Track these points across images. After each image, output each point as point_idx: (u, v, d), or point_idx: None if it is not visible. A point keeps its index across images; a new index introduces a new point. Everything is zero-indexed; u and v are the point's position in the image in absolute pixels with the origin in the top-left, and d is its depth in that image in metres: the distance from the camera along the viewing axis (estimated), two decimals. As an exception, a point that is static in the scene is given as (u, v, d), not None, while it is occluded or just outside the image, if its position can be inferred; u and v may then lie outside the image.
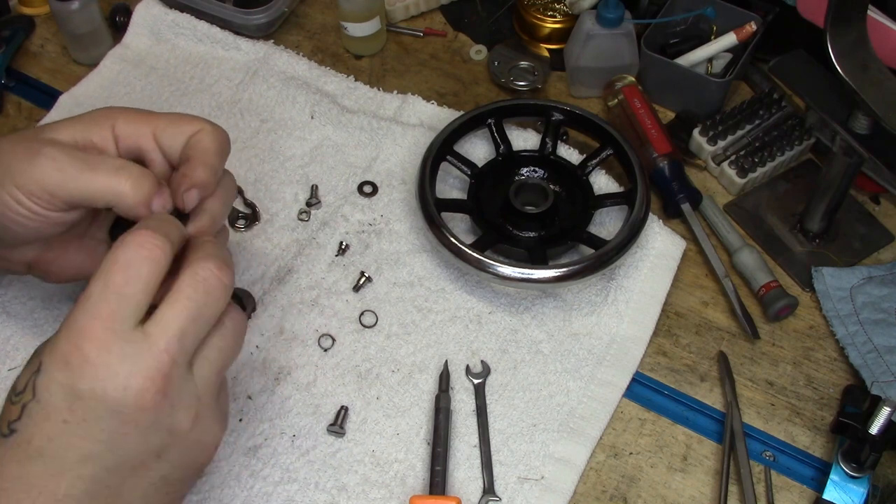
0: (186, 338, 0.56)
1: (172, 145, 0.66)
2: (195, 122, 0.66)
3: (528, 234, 0.86)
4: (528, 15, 1.04)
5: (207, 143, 0.65)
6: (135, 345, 0.54)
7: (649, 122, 0.91)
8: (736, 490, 0.74)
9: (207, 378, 0.58)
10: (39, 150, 0.62)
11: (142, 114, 0.67)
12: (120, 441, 0.54)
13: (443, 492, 0.72)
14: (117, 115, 0.67)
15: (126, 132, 0.66)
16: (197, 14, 1.01)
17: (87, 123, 0.66)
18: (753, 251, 0.85)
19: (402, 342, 0.81)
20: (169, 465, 0.57)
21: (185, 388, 0.56)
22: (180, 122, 0.66)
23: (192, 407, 0.57)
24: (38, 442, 0.53)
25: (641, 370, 0.81)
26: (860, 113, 0.90)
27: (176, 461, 0.57)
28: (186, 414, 0.56)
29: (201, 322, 0.57)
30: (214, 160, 0.65)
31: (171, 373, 0.54)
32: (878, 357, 0.79)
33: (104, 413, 0.53)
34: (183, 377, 0.56)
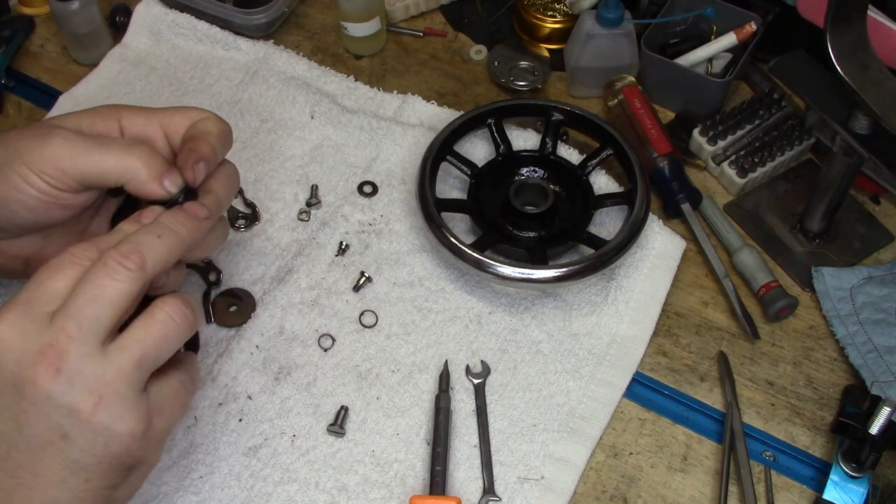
0: (86, 319, 0.56)
1: (178, 132, 0.68)
2: (199, 111, 0.69)
3: (528, 234, 0.86)
4: (528, 15, 1.04)
5: (210, 127, 0.68)
6: (38, 324, 0.55)
7: (649, 122, 0.91)
8: (736, 490, 0.74)
9: (121, 365, 0.57)
10: (50, 132, 0.63)
11: (146, 107, 0.70)
12: (23, 418, 0.55)
13: (443, 492, 0.72)
14: (122, 109, 0.69)
15: (132, 122, 0.68)
16: (197, 14, 1.01)
17: (93, 115, 0.68)
18: (753, 251, 0.85)
19: (402, 342, 0.81)
20: (78, 450, 0.56)
21: (86, 368, 0.55)
22: (185, 110, 0.69)
23: (96, 389, 0.56)
24: None
25: (641, 370, 0.81)
26: (860, 113, 0.90)
27: (84, 446, 0.56)
28: (87, 395, 0.55)
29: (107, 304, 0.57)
30: (215, 141, 0.67)
31: (67, 350, 0.55)
32: (878, 357, 0.79)
33: (6, 389, 0.55)
34: (84, 356, 0.55)
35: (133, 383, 0.57)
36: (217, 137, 0.67)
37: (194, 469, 0.73)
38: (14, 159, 0.63)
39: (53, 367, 0.54)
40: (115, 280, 0.57)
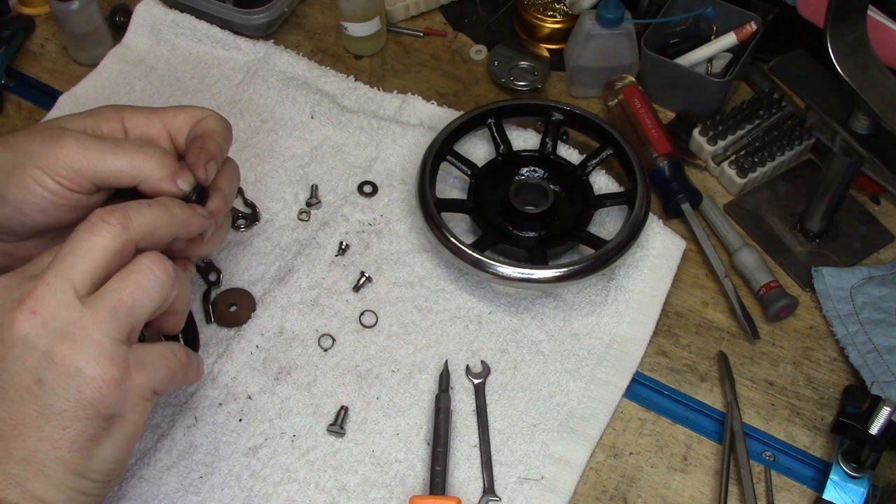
0: (64, 269, 0.58)
1: (181, 131, 0.70)
2: (201, 110, 0.71)
3: (528, 234, 0.86)
4: (528, 15, 1.04)
5: (214, 125, 0.70)
6: (21, 280, 0.59)
7: (649, 122, 0.91)
8: (736, 490, 0.74)
9: (97, 311, 0.58)
10: (62, 134, 0.64)
11: (148, 108, 0.71)
12: (4, 365, 0.56)
13: (443, 492, 0.72)
14: (124, 110, 0.70)
15: (135, 123, 0.69)
16: (197, 14, 1.01)
17: (96, 117, 0.69)
18: (753, 251, 0.85)
19: (402, 342, 0.81)
20: (52, 394, 0.56)
21: (61, 313, 0.57)
22: (187, 109, 0.71)
23: (69, 333, 0.57)
24: None
25: (641, 370, 0.81)
26: (860, 113, 0.90)
27: (58, 389, 0.56)
28: (61, 338, 0.57)
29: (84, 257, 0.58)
30: (220, 139, 0.69)
31: (43, 295, 0.57)
32: (878, 357, 0.79)
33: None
34: (60, 302, 0.57)
35: (108, 331, 0.58)
36: (222, 136, 0.69)
37: (194, 469, 0.73)
38: (26, 162, 0.63)
39: (29, 310, 0.56)
40: (94, 235, 0.59)
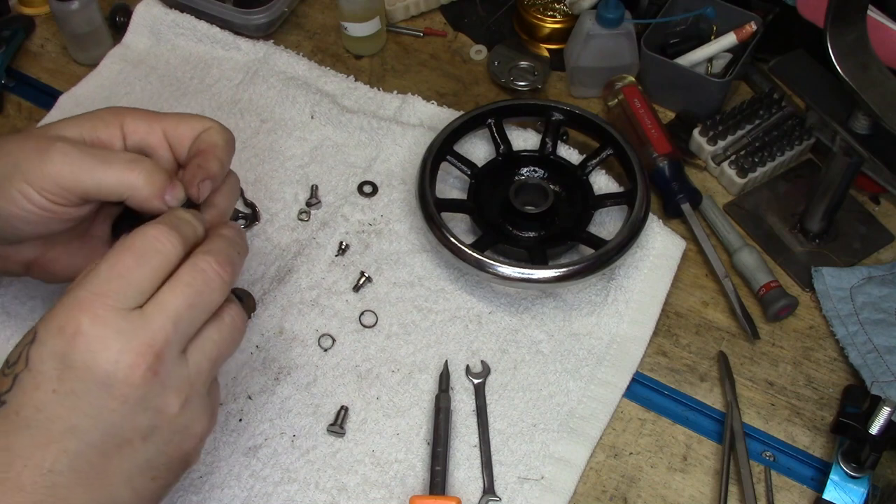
0: (181, 322, 0.56)
1: (182, 142, 0.68)
2: (204, 120, 0.68)
3: (528, 234, 0.86)
4: (528, 15, 1.04)
5: (216, 139, 0.67)
6: (131, 322, 0.55)
7: (649, 122, 0.91)
8: (736, 490, 0.74)
9: (200, 366, 0.58)
10: (50, 146, 0.62)
11: (149, 112, 0.69)
12: (106, 416, 0.54)
13: (443, 492, 0.72)
14: (125, 114, 0.68)
15: (134, 129, 0.67)
16: (197, 14, 1.01)
17: (94, 121, 0.67)
18: (753, 251, 0.85)
19: (402, 342, 0.81)
20: (154, 449, 0.57)
21: (176, 371, 0.56)
22: (190, 119, 0.68)
23: (183, 391, 0.57)
24: (25, 412, 0.53)
25: (641, 370, 0.81)
26: (860, 113, 0.90)
27: (162, 445, 0.57)
28: (176, 397, 0.56)
29: (197, 310, 0.58)
30: (223, 155, 0.67)
31: (163, 352, 0.55)
32: (878, 357, 0.79)
33: (93, 385, 0.54)
34: (175, 360, 0.56)
35: (206, 383, 0.59)
36: (224, 150, 0.67)
37: (194, 469, 0.73)
38: (14, 174, 0.62)
39: (152, 369, 0.55)
40: (211, 289, 0.58)
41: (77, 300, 0.55)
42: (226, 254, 0.60)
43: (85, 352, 0.54)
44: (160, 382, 0.55)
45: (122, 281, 0.55)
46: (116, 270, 0.56)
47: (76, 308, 0.54)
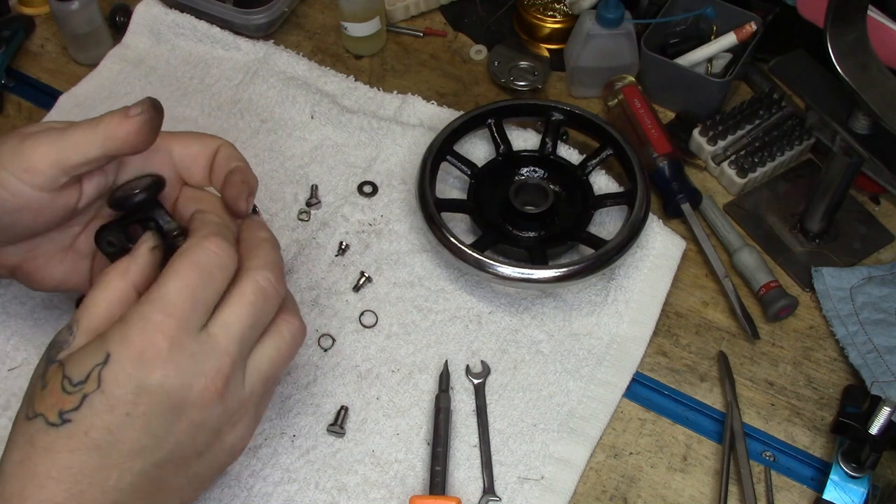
0: (245, 342, 0.58)
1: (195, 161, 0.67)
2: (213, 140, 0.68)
3: (528, 234, 0.86)
4: (528, 15, 1.04)
5: (235, 154, 0.67)
6: (202, 344, 0.56)
7: (649, 122, 0.91)
8: (736, 490, 0.74)
9: (254, 384, 0.59)
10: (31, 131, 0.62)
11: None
12: (173, 438, 0.56)
13: (443, 492, 0.72)
14: None
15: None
16: (197, 14, 1.01)
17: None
18: (753, 251, 0.85)
19: (402, 342, 0.81)
20: (206, 464, 0.59)
21: (237, 392, 0.58)
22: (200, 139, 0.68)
23: (238, 412, 0.59)
24: (95, 433, 0.54)
25: (641, 370, 0.81)
26: (860, 113, 0.90)
27: (212, 460, 0.59)
28: (233, 417, 0.58)
29: (258, 328, 0.59)
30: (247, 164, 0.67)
31: (230, 375, 0.57)
32: (878, 357, 0.79)
33: (166, 409, 0.55)
34: (238, 381, 0.58)
35: (257, 400, 0.61)
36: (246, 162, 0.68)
37: (194, 469, 0.73)
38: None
39: (219, 392, 0.56)
40: (270, 306, 0.59)
41: (154, 323, 0.55)
42: (279, 265, 0.61)
43: (162, 377, 0.54)
44: (224, 405, 0.57)
45: (192, 301, 0.56)
46: (186, 290, 0.56)
47: (154, 331, 0.54)
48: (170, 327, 0.55)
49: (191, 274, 0.56)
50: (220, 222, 0.62)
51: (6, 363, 0.77)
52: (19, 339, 0.79)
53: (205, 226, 0.60)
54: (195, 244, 0.58)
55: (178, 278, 0.56)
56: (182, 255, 0.57)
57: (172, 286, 0.56)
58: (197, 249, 0.57)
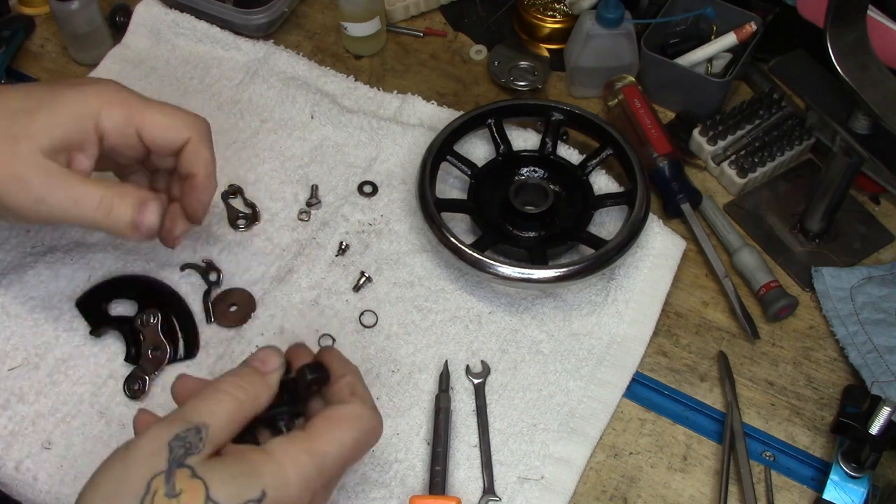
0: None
1: (162, 147, 0.71)
2: (182, 130, 0.71)
3: (528, 234, 0.86)
4: (528, 15, 1.04)
5: (204, 153, 0.72)
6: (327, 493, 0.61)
7: (649, 122, 0.91)
8: (736, 490, 0.74)
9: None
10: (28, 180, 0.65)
11: (126, 110, 0.69)
12: None
13: (443, 492, 0.72)
14: (99, 111, 0.68)
15: (109, 129, 0.69)
16: (197, 14, 1.01)
17: (68, 123, 0.67)
18: (753, 251, 0.85)
19: (402, 342, 0.81)
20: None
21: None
22: (169, 131, 0.71)
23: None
24: None
25: (641, 370, 0.81)
26: (860, 113, 0.90)
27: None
28: None
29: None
30: (213, 166, 0.73)
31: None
32: (878, 357, 0.79)
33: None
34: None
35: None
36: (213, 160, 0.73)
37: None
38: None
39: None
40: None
41: (311, 479, 0.57)
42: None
43: None
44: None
45: (342, 468, 0.60)
46: (343, 459, 0.59)
47: (308, 485, 0.57)
48: (318, 487, 0.58)
49: (351, 446, 0.59)
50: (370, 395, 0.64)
51: (6, 363, 0.77)
52: (19, 338, 0.79)
53: (367, 395, 0.63)
54: (363, 416, 0.61)
55: (341, 445, 0.59)
56: (351, 423, 0.60)
57: (334, 450, 0.58)
58: (364, 423, 0.61)
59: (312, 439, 0.58)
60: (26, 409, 0.75)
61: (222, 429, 0.56)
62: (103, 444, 0.73)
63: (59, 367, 0.77)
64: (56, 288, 0.81)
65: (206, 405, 0.57)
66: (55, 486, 0.72)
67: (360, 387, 0.63)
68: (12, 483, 0.73)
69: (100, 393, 0.76)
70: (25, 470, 0.72)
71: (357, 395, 0.62)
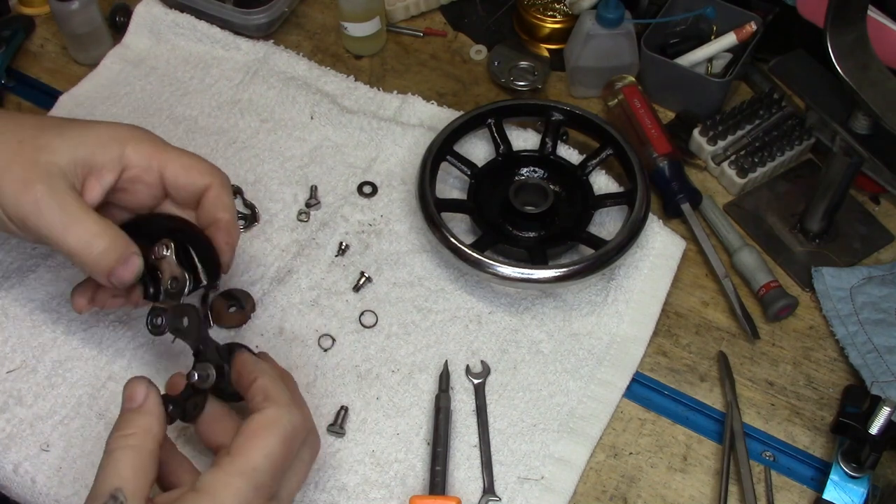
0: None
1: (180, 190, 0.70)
2: (205, 175, 0.70)
3: (528, 234, 0.86)
4: (528, 15, 1.04)
5: (226, 199, 0.71)
6: None
7: (649, 122, 0.91)
8: (736, 490, 0.74)
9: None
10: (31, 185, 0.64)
11: (152, 147, 0.69)
12: None
13: (443, 492, 0.72)
14: (128, 141, 0.68)
15: (135, 162, 0.68)
16: (197, 14, 1.01)
17: (94, 145, 0.67)
18: (753, 251, 0.85)
19: (402, 342, 0.80)
20: None
21: None
22: (191, 172, 0.70)
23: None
24: None
25: (641, 370, 0.81)
26: (860, 113, 0.90)
27: None
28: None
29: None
30: (235, 212, 0.72)
31: None
32: (878, 357, 0.79)
33: None
34: None
35: None
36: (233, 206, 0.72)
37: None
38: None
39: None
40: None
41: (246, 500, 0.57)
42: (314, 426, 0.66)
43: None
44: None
45: (278, 473, 0.60)
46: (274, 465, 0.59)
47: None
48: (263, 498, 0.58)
49: (279, 450, 0.60)
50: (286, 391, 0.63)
51: (5, 365, 0.77)
52: (17, 340, 0.79)
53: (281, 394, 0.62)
54: (281, 417, 0.60)
55: (268, 454, 0.59)
56: (270, 429, 0.60)
57: (262, 462, 0.59)
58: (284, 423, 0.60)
59: (238, 459, 0.58)
60: (24, 412, 0.75)
61: (136, 480, 0.58)
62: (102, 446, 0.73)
63: (58, 369, 0.77)
64: (56, 290, 0.81)
65: (107, 471, 0.58)
66: (54, 489, 0.72)
67: (273, 388, 0.63)
68: (11, 485, 0.73)
69: (98, 395, 0.76)
70: (24, 472, 0.72)
71: (269, 398, 0.62)
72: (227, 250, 0.70)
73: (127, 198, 0.71)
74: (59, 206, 0.64)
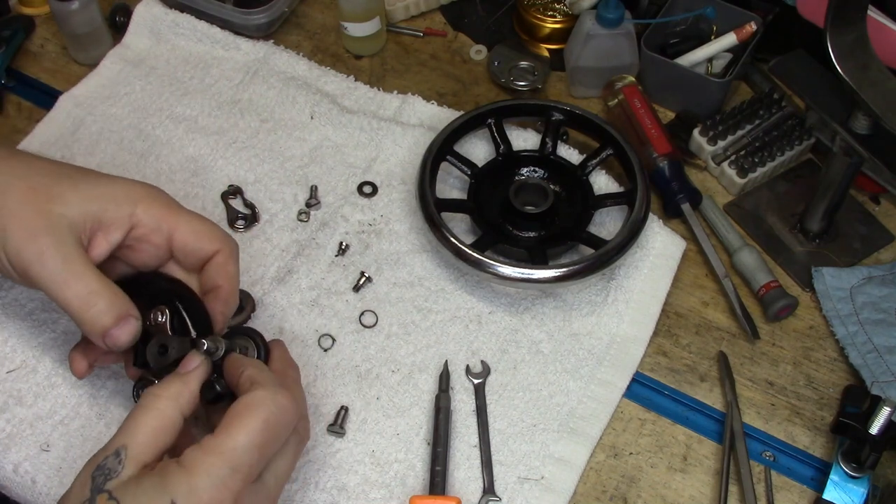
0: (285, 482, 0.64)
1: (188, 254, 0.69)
2: (214, 241, 0.69)
3: (528, 234, 0.86)
4: (528, 15, 1.04)
5: (231, 268, 0.69)
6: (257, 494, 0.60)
7: (649, 122, 0.91)
8: (736, 490, 0.74)
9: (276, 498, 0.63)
10: (38, 236, 0.63)
11: (164, 209, 0.68)
12: None
13: (443, 492, 0.72)
14: (140, 200, 0.68)
15: (144, 222, 0.67)
16: (197, 14, 1.01)
17: (107, 201, 0.66)
18: (753, 251, 0.85)
19: (402, 342, 0.80)
20: None
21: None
22: (201, 238, 0.69)
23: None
24: None
25: (641, 370, 0.81)
26: (860, 113, 0.90)
27: None
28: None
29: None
30: (237, 282, 0.70)
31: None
32: (878, 357, 0.79)
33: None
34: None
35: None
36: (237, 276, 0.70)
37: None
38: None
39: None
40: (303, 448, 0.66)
41: (220, 478, 0.56)
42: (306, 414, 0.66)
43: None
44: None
45: (260, 458, 0.58)
46: (255, 448, 0.58)
47: (220, 486, 0.56)
48: (236, 483, 0.57)
49: (261, 431, 0.58)
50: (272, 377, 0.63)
51: (5, 365, 0.77)
52: (17, 340, 0.79)
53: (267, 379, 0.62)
54: (265, 399, 0.59)
55: (249, 434, 0.58)
56: (253, 410, 0.59)
57: (242, 442, 0.57)
58: (268, 404, 0.59)
59: (217, 438, 0.58)
60: (24, 412, 0.75)
61: (145, 444, 0.58)
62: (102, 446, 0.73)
63: (58, 369, 0.77)
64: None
65: (127, 426, 0.59)
66: (54, 489, 0.72)
67: (260, 375, 0.62)
68: (11, 485, 0.73)
69: (99, 395, 0.76)
70: (24, 472, 0.72)
71: (256, 383, 0.61)
72: (220, 320, 0.69)
73: (131, 255, 0.69)
74: (62, 260, 0.63)
